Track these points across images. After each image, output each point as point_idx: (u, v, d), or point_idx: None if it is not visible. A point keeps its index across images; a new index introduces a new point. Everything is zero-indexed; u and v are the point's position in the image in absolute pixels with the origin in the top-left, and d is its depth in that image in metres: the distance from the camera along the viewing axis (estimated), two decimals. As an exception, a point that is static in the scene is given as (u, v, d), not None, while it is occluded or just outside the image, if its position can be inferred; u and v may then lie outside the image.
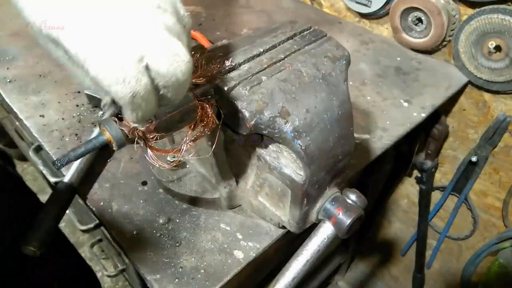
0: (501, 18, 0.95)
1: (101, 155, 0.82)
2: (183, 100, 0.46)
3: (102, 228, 0.84)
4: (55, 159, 0.45)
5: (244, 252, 0.67)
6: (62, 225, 1.85)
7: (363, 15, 1.28)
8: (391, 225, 1.69)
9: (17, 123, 1.23)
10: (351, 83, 1.05)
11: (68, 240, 1.04)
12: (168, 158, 0.77)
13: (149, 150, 0.47)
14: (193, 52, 0.49)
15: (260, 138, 0.60)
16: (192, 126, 0.50)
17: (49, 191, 1.97)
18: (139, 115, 0.39)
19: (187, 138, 0.50)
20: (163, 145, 0.80)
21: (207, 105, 0.50)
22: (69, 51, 0.35)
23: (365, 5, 1.21)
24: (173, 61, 0.37)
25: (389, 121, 0.95)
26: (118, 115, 0.45)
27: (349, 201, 0.60)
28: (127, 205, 0.74)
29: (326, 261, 1.49)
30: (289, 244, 1.01)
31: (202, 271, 0.64)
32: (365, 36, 1.26)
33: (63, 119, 0.91)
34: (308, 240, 0.60)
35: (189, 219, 0.72)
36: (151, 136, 0.46)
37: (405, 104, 1.00)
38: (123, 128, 0.45)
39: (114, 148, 0.46)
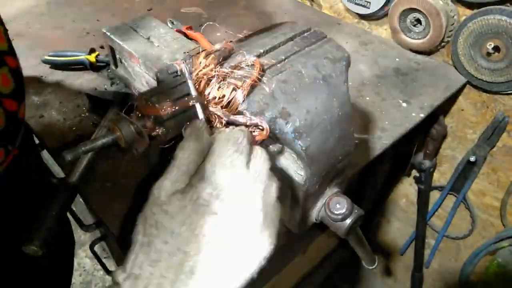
0: (499, 19, 0.96)
1: (103, 154, 0.83)
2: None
3: (104, 227, 0.85)
4: (64, 152, 0.45)
5: (245, 251, 0.68)
6: (62, 224, 1.84)
7: (362, 16, 1.28)
8: (390, 225, 1.69)
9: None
10: (350, 83, 1.05)
11: None
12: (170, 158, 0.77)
13: None
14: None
15: (261, 138, 0.61)
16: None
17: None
18: None
19: None
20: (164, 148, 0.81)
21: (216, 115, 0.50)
22: None
23: (364, 6, 1.22)
24: None
25: (388, 121, 0.95)
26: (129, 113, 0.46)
27: (348, 201, 0.61)
28: (128, 204, 0.74)
29: (325, 260, 1.50)
30: (289, 244, 1.01)
31: (203, 270, 0.65)
32: (364, 37, 1.26)
33: (64, 119, 0.91)
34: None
35: (190, 219, 0.72)
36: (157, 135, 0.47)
37: (404, 105, 1.01)
38: (134, 127, 0.46)
39: (123, 146, 0.47)
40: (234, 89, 0.50)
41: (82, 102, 0.96)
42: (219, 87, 0.50)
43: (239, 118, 0.49)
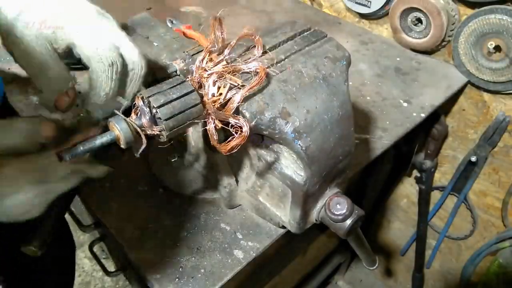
0: (500, 18, 0.95)
1: (102, 154, 0.82)
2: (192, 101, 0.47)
3: (102, 227, 0.84)
4: (62, 152, 0.45)
5: (244, 251, 0.67)
6: (61, 225, 1.84)
7: (363, 16, 1.28)
8: (390, 225, 1.69)
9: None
10: (350, 83, 1.05)
11: None
12: (169, 158, 0.77)
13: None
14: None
15: (261, 138, 0.60)
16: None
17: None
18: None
19: None
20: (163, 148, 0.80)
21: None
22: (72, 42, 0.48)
23: (365, 5, 1.22)
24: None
25: (389, 121, 0.95)
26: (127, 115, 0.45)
27: (348, 201, 0.61)
28: (127, 205, 0.74)
29: (326, 261, 1.50)
30: (289, 244, 1.01)
31: (202, 270, 0.64)
32: (364, 36, 1.26)
33: (63, 119, 0.91)
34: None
35: (189, 219, 0.72)
36: (157, 135, 0.47)
37: (405, 104, 1.01)
38: (132, 126, 0.45)
39: (122, 146, 0.46)
40: (230, 88, 0.49)
41: (80, 101, 0.96)
42: (216, 84, 0.50)
43: (227, 117, 0.48)
